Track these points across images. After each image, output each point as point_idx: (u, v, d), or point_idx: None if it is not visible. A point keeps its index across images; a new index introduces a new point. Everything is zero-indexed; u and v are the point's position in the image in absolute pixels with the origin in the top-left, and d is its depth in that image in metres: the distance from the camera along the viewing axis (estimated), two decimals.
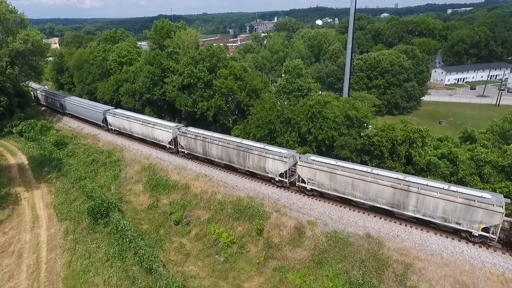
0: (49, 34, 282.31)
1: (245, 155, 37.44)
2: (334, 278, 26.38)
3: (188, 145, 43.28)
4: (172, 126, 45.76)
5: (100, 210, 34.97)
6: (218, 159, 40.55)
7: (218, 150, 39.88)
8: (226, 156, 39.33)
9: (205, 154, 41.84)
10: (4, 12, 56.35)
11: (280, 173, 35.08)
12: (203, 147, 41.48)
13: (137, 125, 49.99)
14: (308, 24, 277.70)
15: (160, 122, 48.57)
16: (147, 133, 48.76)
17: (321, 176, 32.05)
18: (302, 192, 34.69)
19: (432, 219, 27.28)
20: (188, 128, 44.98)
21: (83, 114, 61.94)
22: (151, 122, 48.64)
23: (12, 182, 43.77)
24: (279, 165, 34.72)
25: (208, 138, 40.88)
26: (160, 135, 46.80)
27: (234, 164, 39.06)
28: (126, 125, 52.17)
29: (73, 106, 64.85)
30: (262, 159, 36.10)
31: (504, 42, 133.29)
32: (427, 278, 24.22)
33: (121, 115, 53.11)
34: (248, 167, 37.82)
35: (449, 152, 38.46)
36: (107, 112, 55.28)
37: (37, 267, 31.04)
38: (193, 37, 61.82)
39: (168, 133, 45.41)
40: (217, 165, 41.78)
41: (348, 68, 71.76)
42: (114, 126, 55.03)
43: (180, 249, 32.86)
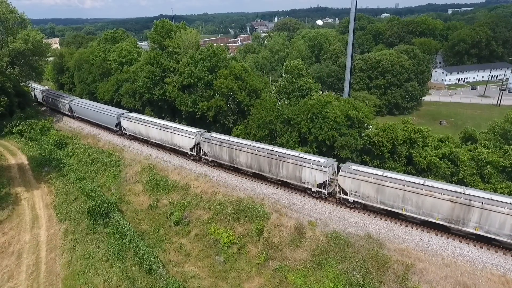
0: (50, 34, 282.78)
1: (278, 164, 35.11)
2: (335, 278, 26.28)
3: (212, 152, 41.06)
4: (194, 132, 43.51)
5: (100, 211, 34.90)
6: (246, 167, 38.27)
7: (247, 158, 37.62)
8: (256, 165, 37.04)
9: (232, 162, 39.51)
10: (5, 12, 56.44)
11: (318, 184, 32.72)
12: (230, 155, 39.26)
13: (155, 130, 47.62)
14: (308, 24, 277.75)
15: (181, 127, 46.27)
16: (166, 139, 46.49)
17: (367, 188, 29.80)
18: (342, 204, 32.24)
19: (497, 236, 25.32)
20: (211, 134, 42.83)
21: (95, 118, 59.42)
22: (170, 127, 46.21)
23: (12, 182, 43.77)
24: (318, 175, 32.37)
25: (236, 145, 38.56)
26: (181, 141, 44.47)
27: (265, 173, 36.82)
28: (143, 130, 49.81)
29: (83, 110, 62.24)
30: (297, 168, 33.74)
31: (505, 42, 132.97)
32: (428, 279, 24.11)
33: (137, 120, 50.64)
34: (281, 177, 35.44)
35: (450, 152, 38.25)
36: (121, 116, 53.05)
37: (36, 268, 30.98)
38: (194, 37, 61.75)
39: (189, 139, 43.18)
40: (245, 174, 39.56)
41: (348, 68, 71.54)
42: (129, 131, 52.58)
43: (180, 249, 32.79)
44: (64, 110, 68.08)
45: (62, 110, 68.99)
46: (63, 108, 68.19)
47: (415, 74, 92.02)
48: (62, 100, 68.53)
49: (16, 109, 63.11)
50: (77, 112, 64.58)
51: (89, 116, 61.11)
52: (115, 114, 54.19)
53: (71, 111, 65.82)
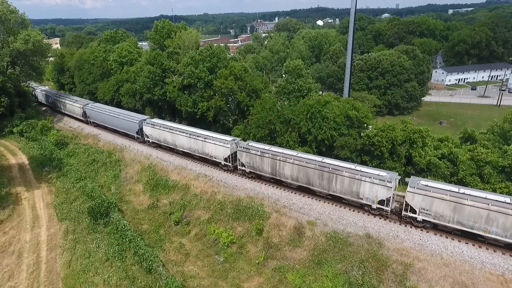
0: (50, 34, 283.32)
1: (330, 177, 31.95)
2: (334, 278, 26.36)
3: (251, 163, 37.86)
4: (229, 141, 40.18)
5: (100, 210, 35.04)
6: (291, 180, 35.17)
7: (294, 169, 34.43)
8: (304, 177, 33.95)
9: (274, 174, 36.48)
10: (5, 13, 56.61)
11: (380, 200, 29.79)
12: (272, 166, 36.09)
13: (183, 138, 44.15)
14: (309, 25, 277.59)
15: (214, 135, 42.66)
16: (196, 147, 43.03)
17: (441, 206, 26.91)
18: (408, 223, 29.32)
19: None
20: (249, 143, 39.64)
21: (112, 124, 55.60)
22: (202, 135, 42.65)
23: (12, 182, 43.90)
24: (380, 190, 29.36)
25: (280, 156, 35.36)
26: (214, 150, 41.06)
27: (314, 186, 33.65)
28: (168, 137, 46.40)
29: (99, 115, 58.35)
30: (355, 183, 30.62)
31: (505, 43, 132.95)
32: (427, 279, 24.18)
33: (162, 126, 47.24)
34: (334, 191, 32.33)
35: (449, 152, 38.39)
36: (143, 122, 49.56)
37: (37, 267, 31.10)
38: (194, 37, 61.93)
39: (224, 149, 39.86)
40: (288, 187, 36.39)
41: (348, 69, 71.67)
42: (152, 138, 48.97)
43: (180, 249, 32.88)
44: (76, 114, 64.55)
45: (73, 114, 65.74)
46: (75, 112, 64.80)
47: (415, 75, 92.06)
48: (74, 104, 64.65)
49: (17, 109, 63.26)
50: (92, 117, 60.84)
51: (106, 121, 57.30)
52: (137, 120, 50.69)
53: (85, 116, 62.16)
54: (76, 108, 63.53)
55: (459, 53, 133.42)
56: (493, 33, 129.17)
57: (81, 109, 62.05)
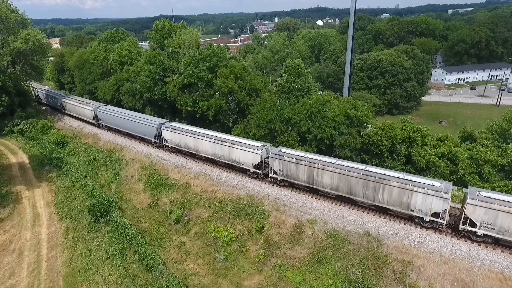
0: (50, 34, 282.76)
1: (376, 187, 29.70)
2: (334, 276, 26.48)
3: (284, 170, 35.46)
4: (258, 146, 37.76)
5: (100, 209, 35.07)
6: (330, 189, 32.88)
7: (334, 178, 32.09)
8: (346, 187, 31.67)
9: (311, 183, 34.02)
10: (6, 12, 56.66)
11: (434, 213, 27.67)
12: (309, 174, 33.65)
13: (207, 143, 41.85)
14: (308, 25, 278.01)
15: (242, 140, 40.07)
16: (222, 153, 40.66)
17: (507, 220, 25.07)
18: (468, 238, 27.10)
19: None
20: (282, 149, 36.98)
21: (128, 128, 53.30)
22: (228, 140, 40.19)
23: (13, 180, 43.99)
24: (435, 202, 27.26)
25: (317, 163, 32.97)
26: (242, 157, 38.55)
27: (357, 196, 31.35)
28: (190, 142, 44.06)
29: (113, 118, 55.91)
30: (405, 193, 28.40)
31: (504, 42, 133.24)
32: (426, 276, 24.29)
33: (183, 130, 44.76)
34: (380, 202, 30.05)
35: (449, 151, 38.56)
36: (162, 126, 47.30)
37: (37, 265, 31.18)
38: (194, 36, 62.01)
39: (254, 155, 37.33)
40: (326, 196, 33.94)
41: (348, 68, 71.86)
42: (172, 143, 46.67)
43: (180, 247, 32.98)
44: (86, 117, 62.01)
45: (83, 117, 63.12)
46: (85, 115, 62.12)
47: (414, 74, 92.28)
48: (84, 106, 61.90)
49: (17, 109, 63.35)
50: (104, 121, 58.30)
51: (120, 125, 54.82)
52: (155, 124, 48.32)
53: (96, 119, 59.52)
54: (87, 110, 61.01)
55: (459, 53, 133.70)
56: (493, 33, 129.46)
57: (93, 112, 59.40)
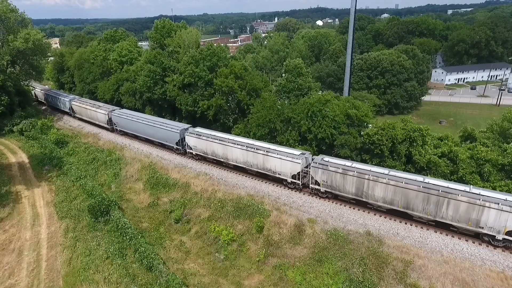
0: (50, 34, 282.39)
1: (440, 201, 27.05)
2: (334, 275, 26.41)
3: (329, 181, 32.81)
4: (298, 155, 35.15)
5: (100, 208, 35.02)
6: (382, 202, 30.27)
7: (387, 191, 29.50)
8: (402, 200, 29.07)
9: (359, 195, 31.40)
10: (5, 11, 56.60)
11: (509, 231, 25.16)
12: (358, 186, 31.06)
13: (238, 150, 39.23)
14: (308, 25, 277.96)
15: (279, 148, 37.22)
16: (255, 162, 38.06)
17: None
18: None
19: None
20: (324, 158, 34.54)
21: (146, 133, 50.61)
22: (262, 148, 37.47)
23: (12, 180, 43.93)
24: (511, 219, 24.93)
25: (368, 174, 30.37)
26: (279, 166, 35.88)
27: (415, 211, 28.77)
28: (218, 149, 41.33)
29: (130, 123, 52.86)
30: (475, 209, 25.93)
31: (504, 42, 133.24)
32: (427, 276, 24.24)
33: (210, 137, 42.06)
34: (443, 218, 27.51)
35: (449, 151, 38.43)
36: (186, 132, 44.75)
37: (37, 265, 31.10)
38: (194, 36, 61.92)
39: (293, 164, 34.72)
40: (376, 210, 31.47)
41: (348, 68, 71.78)
42: (197, 150, 44.03)
43: (180, 247, 32.90)
44: (99, 121, 59.28)
45: (95, 121, 60.45)
46: (98, 119, 59.45)
47: (414, 74, 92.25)
48: (97, 110, 59.11)
49: (17, 108, 63.28)
50: (120, 125, 55.39)
51: (137, 130, 51.97)
52: (177, 129, 45.73)
53: (110, 123, 56.97)
54: (100, 114, 58.13)
55: (459, 53, 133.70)
56: (493, 33, 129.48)
57: (106, 116, 56.65)
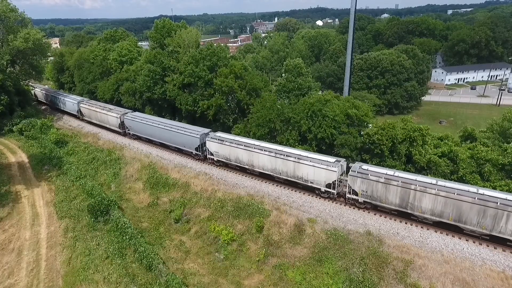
0: (50, 34, 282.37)
1: (498, 215, 25.15)
2: (334, 275, 26.36)
3: (369, 191, 30.61)
4: (332, 162, 33.03)
5: (100, 208, 34.99)
6: (430, 214, 28.10)
7: (437, 202, 27.42)
8: (453, 212, 26.87)
9: (404, 206, 29.30)
10: (5, 11, 56.56)
11: None
12: (403, 196, 28.94)
13: (265, 157, 36.94)
14: (308, 25, 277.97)
15: (312, 155, 34.84)
16: (284, 169, 35.75)
17: None
18: None
19: None
20: (363, 166, 32.33)
21: (162, 137, 48.45)
22: (293, 154, 35.27)
23: (12, 180, 43.87)
24: None
25: (415, 185, 28.22)
26: (312, 174, 33.38)
27: (468, 224, 26.64)
28: (243, 156, 39.11)
29: (143, 126, 50.67)
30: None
31: (504, 42, 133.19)
32: (428, 275, 24.19)
33: (233, 142, 39.89)
34: (502, 232, 25.48)
35: (449, 150, 38.37)
36: (206, 137, 42.77)
37: (37, 264, 31.04)
38: (194, 36, 61.86)
39: (328, 172, 32.53)
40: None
41: (348, 68, 71.66)
42: (219, 156, 41.75)
43: (180, 246, 32.85)
44: (110, 125, 56.92)
45: (106, 124, 58.04)
46: (108, 122, 57.08)
47: (414, 74, 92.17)
48: (108, 113, 56.56)
49: (16, 108, 63.22)
50: (133, 129, 52.96)
51: (152, 135, 49.93)
52: (197, 134, 43.63)
53: (122, 127, 54.57)
54: (112, 118, 55.80)
55: (459, 53, 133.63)
56: (493, 33, 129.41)
57: (118, 119, 54.34)
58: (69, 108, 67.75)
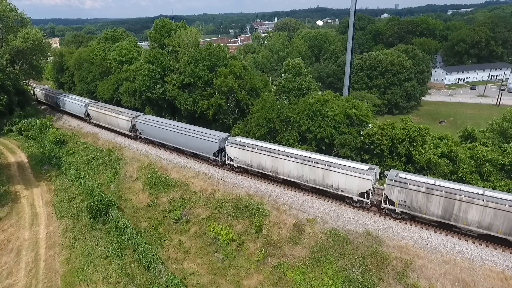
0: (50, 34, 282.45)
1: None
2: (334, 275, 26.30)
3: (408, 201, 28.62)
4: (366, 170, 30.79)
5: (99, 208, 34.95)
6: (477, 226, 26.29)
7: (486, 214, 25.66)
8: (504, 225, 25.25)
9: (448, 218, 27.25)
10: (5, 10, 56.55)
11: None
12: (446, 208, 27.03)
13: (291, 164, 34.80)
14: (308, 25, 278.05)
15: (342, 162, 32.68)
16: (312, 177, 33.59)
17: None
18: None
19: None
20: (400, 174, 29.98)
21: (177, 142, 46.29)
22: (322, 161, 33.01)
23: (11, 180, 43.83)
24: None
25: (460, 195, 26.37)
26: (344, 182, 31.44)
27: None
28: (267, 162, 36.84)
29: (156, 130, 48.68)
30: None
31: (504, 42, 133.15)
32: (427, 276, 24.12)
33: (256, 147, 37.56)
34: None
35: (449, 150, 38.34)
36: (226, 142, 40.62)
37: (36, 264, 31.00)
38: (194, 35, 61.78)
39: (362, 181, 30.31)
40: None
41: (348, 68, 71.67)
42: (240, 162, 39.52)
43: (179, 246, 32.79)
44: (120, 128, 54.67)
45: (115, 127, 55.85)
46: (118, 126, 54.90)
47: (414, 74, 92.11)
48: (118, 116, 54.37)
49: (16, 108, 63.19)
50: (145, 133, 50.99)
51: (167, 139, 47.60)
52: (215, 138, 41.27)
53: (133, 130, 52.45)
54: (122, 121, 53.50)
55: (459, 53, 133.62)
56: (493, 33, 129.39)
57: (129, 123, 52.22)
58: (75, 110, 65.20)
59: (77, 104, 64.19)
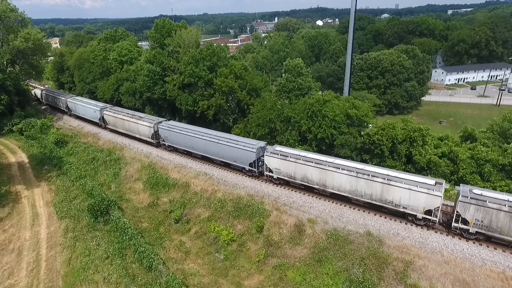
0: (50, 34, 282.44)
1: None
2: (334, 276, 26.35)
3: (486, 220, 25.64)
4: (433, 185, 27.74)
5: (100, 208, 34.98)
6: None
7: None
8: None
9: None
10: (5, 11, 56.55)
11: None
12: None
13: (343, 176, 31.71)
14: (308, 25, 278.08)
15: (402, 176, 29.70)
16: (369, 191, 30.51)
17: None
18: None
19: None
20: (474, 190, 26.98)
21: (207, 150, 42.65)
22: (380, 174, 30.12)
23: (12, 180, 43.84)
24: None
25: None
26: (407, 198, 28.51)
27: None
28: (313, 174, 33.67)
29: (182, 138, 45.05)
30: None
31: (504, 42, 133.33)
32: (428, 276, 24.17)
33: (301, 158, 34.46)
34: None
35: (449, 151, 38.45)
36: (264, 151, 37.27)
37: (37, 265, 31.03)
38: (194, 35, 61.83)
39: (430, 197, 27.32)
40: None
41: (348, 68, 71.77)
42: (281, 173, 36.18)
43: (180, 247, 32.83)
44: (141, 135, 50.91)
45: (137, 134, 51.66)
46: (139, 132, 51.06)
47: (414, 74, 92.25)
48: (138, 121, 50.58)
49: (16, 108, 63.23)
50: (169, 140, 47.18)
51: (196, 147, 43.97)
52: (253, 147, 37.75)
53: (156, 136, 48.83)
54: (143, 127, 49.74)
55: (459, 53, 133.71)
56: (493, 33, 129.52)
57: (152, 129, 48.45)
58: (89, 115, 60.71)
59: (91, 108, 59.82)
